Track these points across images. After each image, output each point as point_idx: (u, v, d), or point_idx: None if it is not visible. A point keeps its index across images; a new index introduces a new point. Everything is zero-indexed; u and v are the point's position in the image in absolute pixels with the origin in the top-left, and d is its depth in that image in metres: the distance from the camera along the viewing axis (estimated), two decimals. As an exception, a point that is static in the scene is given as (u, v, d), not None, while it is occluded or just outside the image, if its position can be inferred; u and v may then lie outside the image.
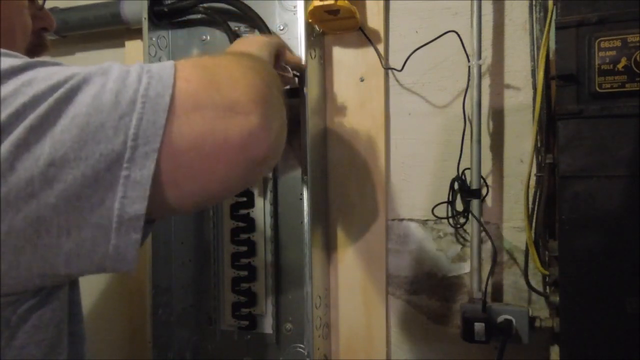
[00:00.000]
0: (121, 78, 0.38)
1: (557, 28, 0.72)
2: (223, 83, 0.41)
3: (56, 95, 0.35)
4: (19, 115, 0.34)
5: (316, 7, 0.88)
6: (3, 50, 0.38)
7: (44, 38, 0.57)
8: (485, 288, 0.88)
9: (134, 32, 1.13)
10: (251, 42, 0.70)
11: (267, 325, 0.99)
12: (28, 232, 0.35)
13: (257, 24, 0.89)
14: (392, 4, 1.00)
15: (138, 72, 0.39)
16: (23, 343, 0.39)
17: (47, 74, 0.37)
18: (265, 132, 0.42)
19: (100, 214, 0.36)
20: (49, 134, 0.35)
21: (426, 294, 1.00)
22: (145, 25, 0.96)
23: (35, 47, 0.55)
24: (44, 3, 0.57)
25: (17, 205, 0.34)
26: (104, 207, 0.36)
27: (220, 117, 0.39)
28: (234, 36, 0.92)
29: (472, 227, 0.91)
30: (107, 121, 0.36)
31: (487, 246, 0.93)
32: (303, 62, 0.89)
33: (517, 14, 0.92)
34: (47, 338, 0.40)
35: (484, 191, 0.92)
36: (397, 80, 1.00)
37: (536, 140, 0.87)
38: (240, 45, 0.70)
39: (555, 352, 0.90)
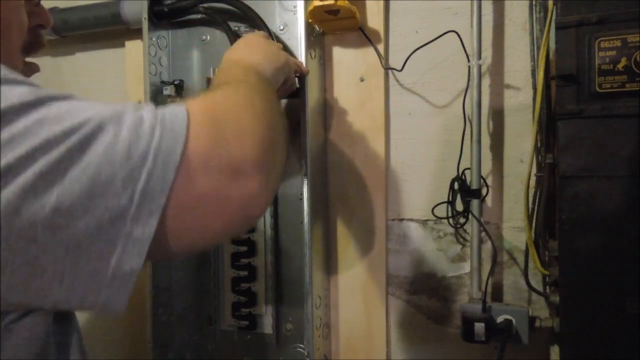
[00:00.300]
0: (134, 127, 0.37)
1: (557, 28, 0.72)
2: (231, 140, 0.42)
3: (69, 142, 0.35)
4: (28, 158, 0.34)
5: (316, 7, 0.88)
6: (5, 74, 0.37)
7: (40, 35, 0.55)
8: (485, 288, 0.88)
9: (134, 32, 1.13)
10: (267, 54, 0.69)
11: (267, 325, 0.99)
12: (22, 276, 0.34)
13: (257, 24, 0.89)
14: (392, 4, 1.00)
15: (151, 121, 0.38)
16: (15, 357, 0.38)
17: (58, 114, 0.36)
18: (264, 193, 0.43)
19: (96, 266, 0.36)
20: (59, 181, 0.34)
21: (426, 294, 1.00)
22: (145, 25, 0.96)
23: (32, 45, 0.53)
24: None
25: (16, 248, 0.33)
26: (101, 259, 0.36)
27: (223, 178, 0.40)
28: (234, 36, 0.92)
29: (472, 227, 0.91)
30: (117, 174, 0.36)
31: (487, 246, 0.93)
32: (304, 63, 0.89)
33: (517, 14, 0.92)
34: (39, 351, 0.40)
35: (484, 191, 0.92)
36: (397, 80, 1.00)
37: (536, 140, 0.87)
38: (254, 52, 0.69)
39: (555, 352, 0.90)
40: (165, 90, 0.98)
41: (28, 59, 0.53)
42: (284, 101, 0.92)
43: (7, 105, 0.34)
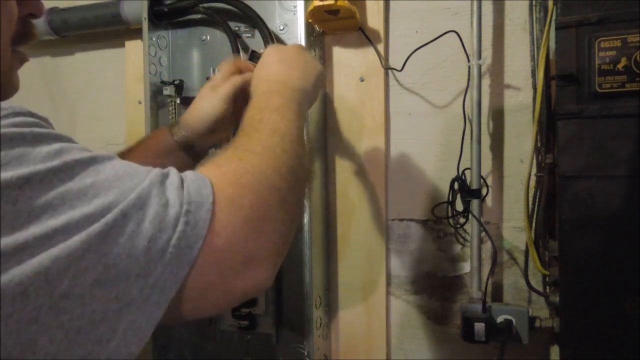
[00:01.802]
0: (158, 219, 0.37)
1: (557, 28, 0.72)
2: (250, 236, 0.42)
3: (90, 230, 0.34)
4: (47, 239, 0.32)
5: (316, 7, 0.88)
6: (32, 128, 0.35)
7: (31, 26, 0.51)
8: (485, 288, 0.88)
9: (134, 32, 1.13)
10: (305, 68, 0.66)
11: (267, 325, 0.99)
12: (15, 352, 0.32)
13: (257, 24, 0.89)
14: (392, 4, 1.00)
15: (176, 210, 0.38)
16: None
17: (82, 188, 0.35)
18: (269, 279, 0.44)
19: (92, 349, 0.34)
20: (73, 268, 0.33)
21: (426, 294, 1.00)
22: (145, 25, 0.96)
23: (22, 37, 0.49)
24: None
25: (16, 329, 0.32)
26: (99, 344, 0.35)
27: (233, 272, 0.40)
28: (233, 36, 0.92)
29: (472, 227, 0.91)
30: (133, 268, 0.35)
31: (487, 246, 0.93)
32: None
33: (517, 14, 0.92)
34: None
35: (484, 191, 0.92)
36: (397, 80, 1.00)
37: (536, 140, 0.87)
38: (292, 67, 0.65)
39: (555, 352, 0.90)
40: (165, 90, 0.98)
41: (17, 48, 0.50)
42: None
43: (30, 172, 0.33)
